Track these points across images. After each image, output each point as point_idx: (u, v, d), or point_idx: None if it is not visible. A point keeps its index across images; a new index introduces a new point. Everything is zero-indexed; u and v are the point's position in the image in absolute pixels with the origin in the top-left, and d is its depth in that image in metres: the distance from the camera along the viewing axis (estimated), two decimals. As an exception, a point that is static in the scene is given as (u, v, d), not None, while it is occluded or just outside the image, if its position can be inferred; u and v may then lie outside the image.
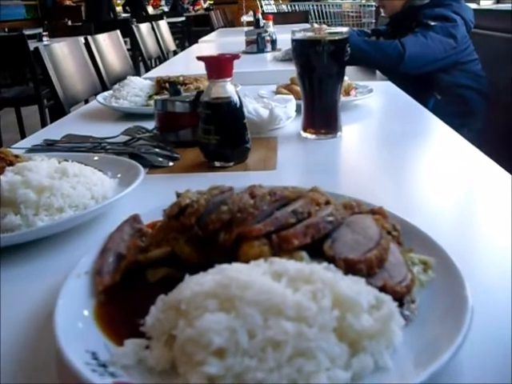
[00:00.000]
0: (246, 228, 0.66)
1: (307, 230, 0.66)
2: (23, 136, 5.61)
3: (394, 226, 0.77)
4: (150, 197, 1.07)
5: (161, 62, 5.52)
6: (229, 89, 1.24)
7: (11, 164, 1.05)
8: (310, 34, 1.47)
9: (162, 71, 2.87)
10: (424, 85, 2.89)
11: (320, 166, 1.32)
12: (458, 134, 1.51)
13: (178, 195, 0.76)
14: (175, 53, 6.34)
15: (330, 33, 1.44)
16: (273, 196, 0.72)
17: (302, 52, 1.46)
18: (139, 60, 6.69)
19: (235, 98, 1.24)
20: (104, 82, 3.61)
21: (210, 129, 1.24)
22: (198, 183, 0.84)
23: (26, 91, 5.90)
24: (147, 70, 5.19)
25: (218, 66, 1.23)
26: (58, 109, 3.11)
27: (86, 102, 3.83)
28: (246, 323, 0.52)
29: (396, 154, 1.40)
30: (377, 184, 1.20)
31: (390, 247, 0.70)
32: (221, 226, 0.68)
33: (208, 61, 1.23)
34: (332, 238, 0.67)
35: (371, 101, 1.94)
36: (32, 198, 0.93)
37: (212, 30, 8.75)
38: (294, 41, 1.47)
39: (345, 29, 1.47)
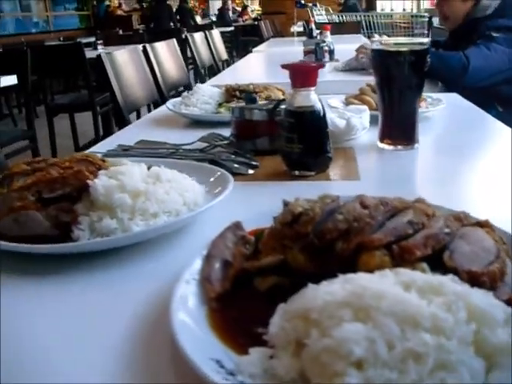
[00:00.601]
0: (366, 237, 0.65)
1: (427, 240, 0.65)
2: (76, 142, 5.71)
3: (502, 238, 0.75)
4: (234, 204, 1.06)
5: (212, 71, 5.56)
6: (312, 97, 1.23)
7: (100, 168, 1.06)
8: (388, 45, 1.46)
9: (220, 80, 2.88)
10: (484, 96, 2.84)
11: (402, 177, 1.31)
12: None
13: (286, 204, 0.76)
14: (226, 62, 6.38)
15: (398, 43, 1.43)
16: (385, 206, 0.71)
17: (382, 62, 1.44)
18: (189, 68, 6.77)
19: (319, 107, 1.24)
20: (161, 89, 3.64)
21: (294, 137, 1.23)
22: (282, 192, 0.84)
23: (80, 98, 6.03)
24: (198, 77, 5.23)
25: (303, 75, 1.23)
26: (115, 115, 3.15)
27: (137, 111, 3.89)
28: (384, 334, 0.51)
29: (475, 165, 1.38)
30: (467, 196, 1.20)
31: (506, 261, 0.68)
32: (338, 235, 0.67)
33: (293, 69, 1.23)
34: (450, 250, 0.66)
35: (440, 112, 1.92)
36: (128, 203, 0.92)
37: (261, 39, 8.78)
38: (373, 51, 1.45)
39: (425, 39, 1.45)
